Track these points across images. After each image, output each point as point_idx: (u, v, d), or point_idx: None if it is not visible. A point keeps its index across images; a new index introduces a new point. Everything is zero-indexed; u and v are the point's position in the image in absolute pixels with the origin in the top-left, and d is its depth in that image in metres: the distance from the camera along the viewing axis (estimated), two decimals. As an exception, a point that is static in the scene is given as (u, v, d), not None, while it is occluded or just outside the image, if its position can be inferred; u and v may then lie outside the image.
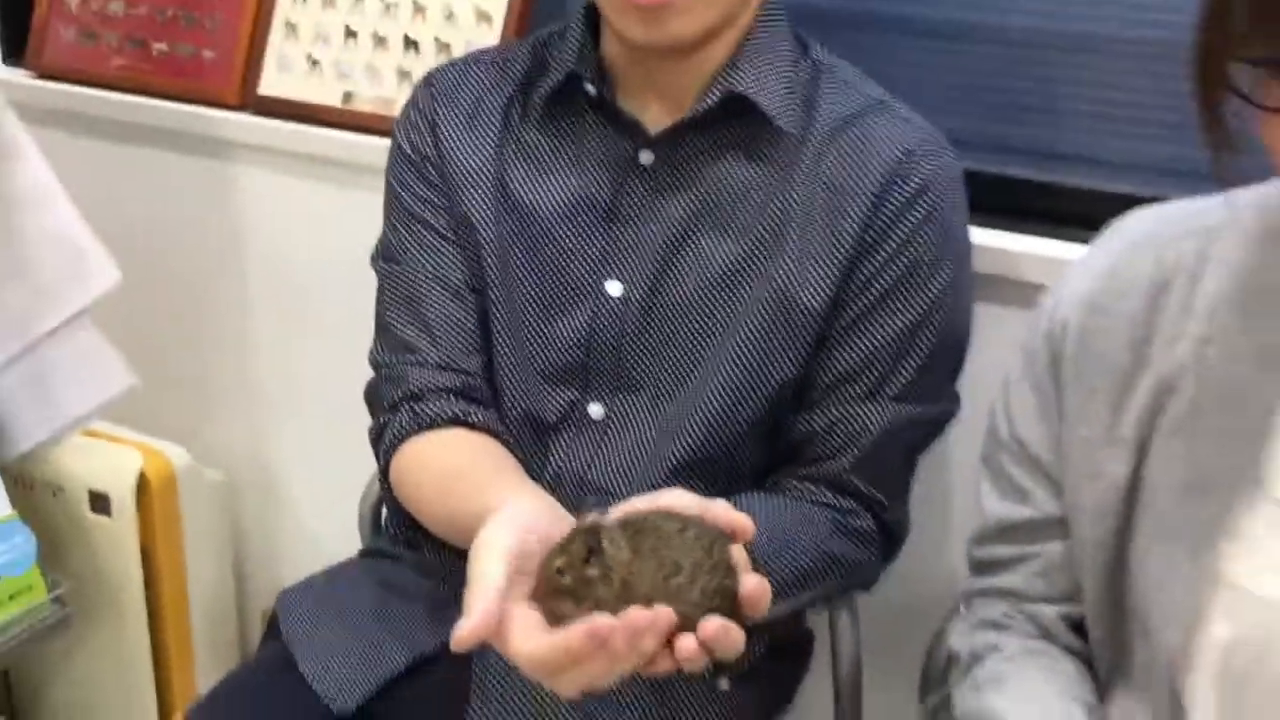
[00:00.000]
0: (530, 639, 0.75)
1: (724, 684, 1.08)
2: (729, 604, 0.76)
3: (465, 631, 0.74)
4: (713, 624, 0.73)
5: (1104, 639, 0.90)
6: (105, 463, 1.60)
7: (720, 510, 0.80)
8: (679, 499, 0.81)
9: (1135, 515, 0.84)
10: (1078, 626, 0.92)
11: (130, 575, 1.59)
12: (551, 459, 1.08)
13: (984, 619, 0.94)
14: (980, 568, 0.96)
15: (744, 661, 0.79)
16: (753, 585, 0.75)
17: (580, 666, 0.73)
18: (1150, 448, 0.83)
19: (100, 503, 1.59)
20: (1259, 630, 0.79)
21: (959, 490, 1.28)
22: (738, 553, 0.78)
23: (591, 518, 0.78)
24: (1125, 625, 0.88)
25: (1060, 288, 0.89)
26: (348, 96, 1.51)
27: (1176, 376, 0.82)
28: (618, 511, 0.80)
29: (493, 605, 0.74)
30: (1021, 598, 0.93)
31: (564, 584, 0.75)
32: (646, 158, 1.06)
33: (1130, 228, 0.88)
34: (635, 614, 0.72)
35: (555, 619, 0.75)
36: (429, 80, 1.14)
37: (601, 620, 0.72)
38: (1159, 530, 0.82)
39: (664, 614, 0.72)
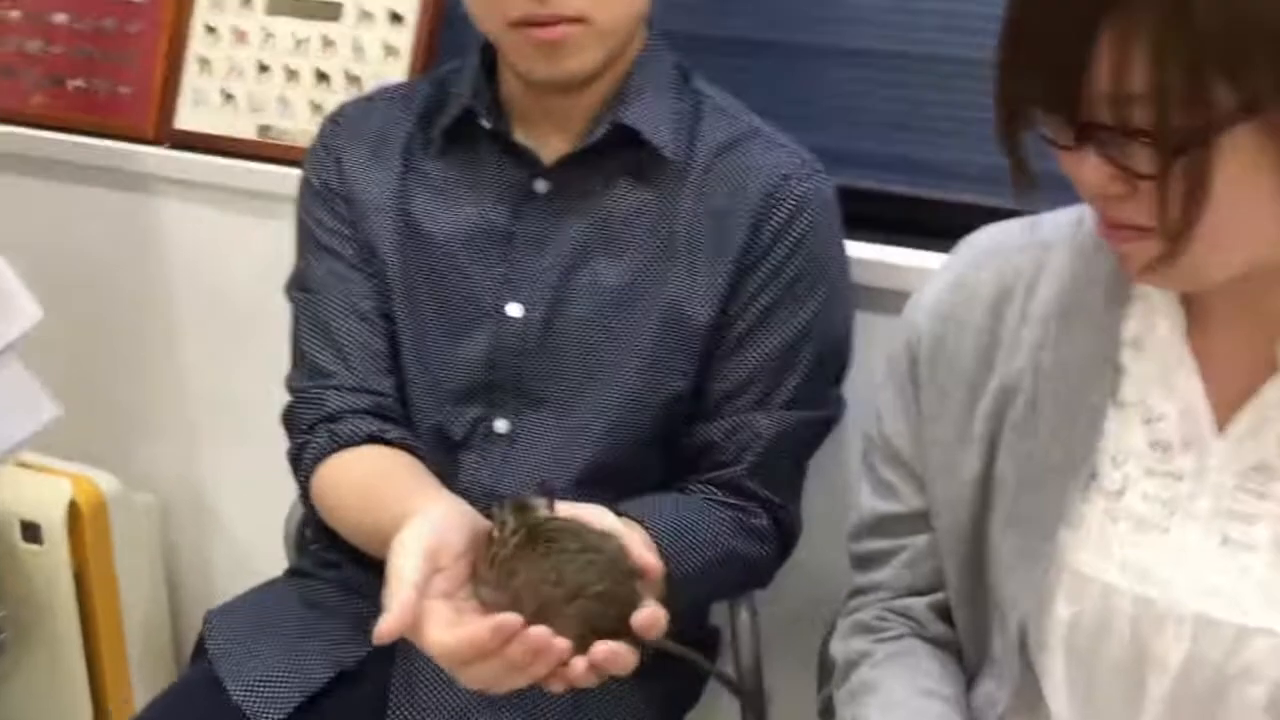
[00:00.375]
0: (443, 631, 0.80)
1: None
2: (620, 625, 0.82)
3: (386, 625, 0.79)
4: (602, 649, 0.80)
5: (967, 625, 0.97)
6: (36, 492, 1.62)
7: (636, 544, 0.86)
8: (601, 519, 0.87)
9: (988, 507, 0.91)
10: (947, 615, 0.98)
11: (64, 601, 1.61)
12: (461, 473, 1.13)
13: (858, 622, 1.00)
14: (859, 562, 1.02)
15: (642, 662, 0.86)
16: (645, 615, 0.82)
17: (485, 662, 0.80)
18: (999, 445, 0.90)
19: (32, 532, 1.61)
20: (1097, 610, 0.86)
21: (852, 489, 1.34)
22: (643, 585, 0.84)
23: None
24: (985, 610, 0.94)
25: (917, 299, 0.96)
26: (263, 129, 1.56)
27: (1018, 379, 0.89)
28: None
29: (410, 600, 0.80)
30: (894, 593, 0.99)
31: (500, 557, 0.82)
32: (542, 186, 1.12)
33: (976, 243, 0.96)
34: (537, 632, 0.79)
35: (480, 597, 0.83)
36: (334, 117, 1.20)
37: (507, 618, 0.79)
38: (1008, 520, 0.89)
39: (560, 646, 0.79)
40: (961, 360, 0.92)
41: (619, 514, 1.05)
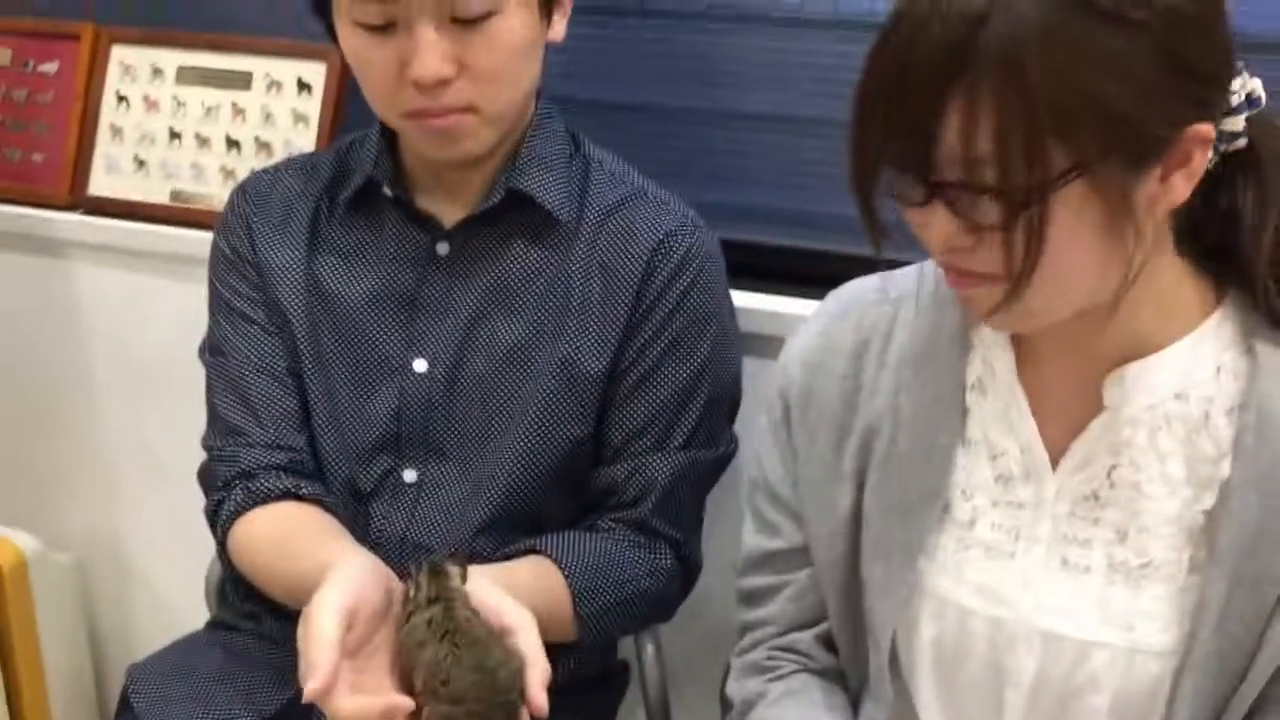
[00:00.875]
0: (343, 697, 0.85)
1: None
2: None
3: (314, 686, 0.83)
4: None
5: (848, 651, 1.03)
6: None
7: (533, 679, 0.89)
8: (484, 599, 0.91)
9: (859, 538, 0.98)
10: (832, 645, 1.04)
11: None
12: (373, 522, 1.18)
13: (751, 664, 1.05)
14: (747, 598, 1.07)
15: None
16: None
17: None
18: (865, 482, 0.97)
19: None
20: (956, 631, 0.94)
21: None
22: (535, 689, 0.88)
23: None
24: (862, 636, 1.01)
25: (789, 347, 1.03)
26: (175, 194, 1.59)
27: (879, 420, 0.96)
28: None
29: (335, 661, 0.84)
30: (781, 628, 1.05)
31: (418, 626, 0.87)
32: (443, 248, 1.18)
33: (839, 296, 1.03)
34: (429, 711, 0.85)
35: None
36: (243, 188, 1.25)
37: (397, 703, 0.84)
38: (875, 550, 0.97)
39: None
40: (829, 404, 0.99)
41: (535, 550, 1.12)
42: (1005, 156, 0.75)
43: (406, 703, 0.85)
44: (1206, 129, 0.78)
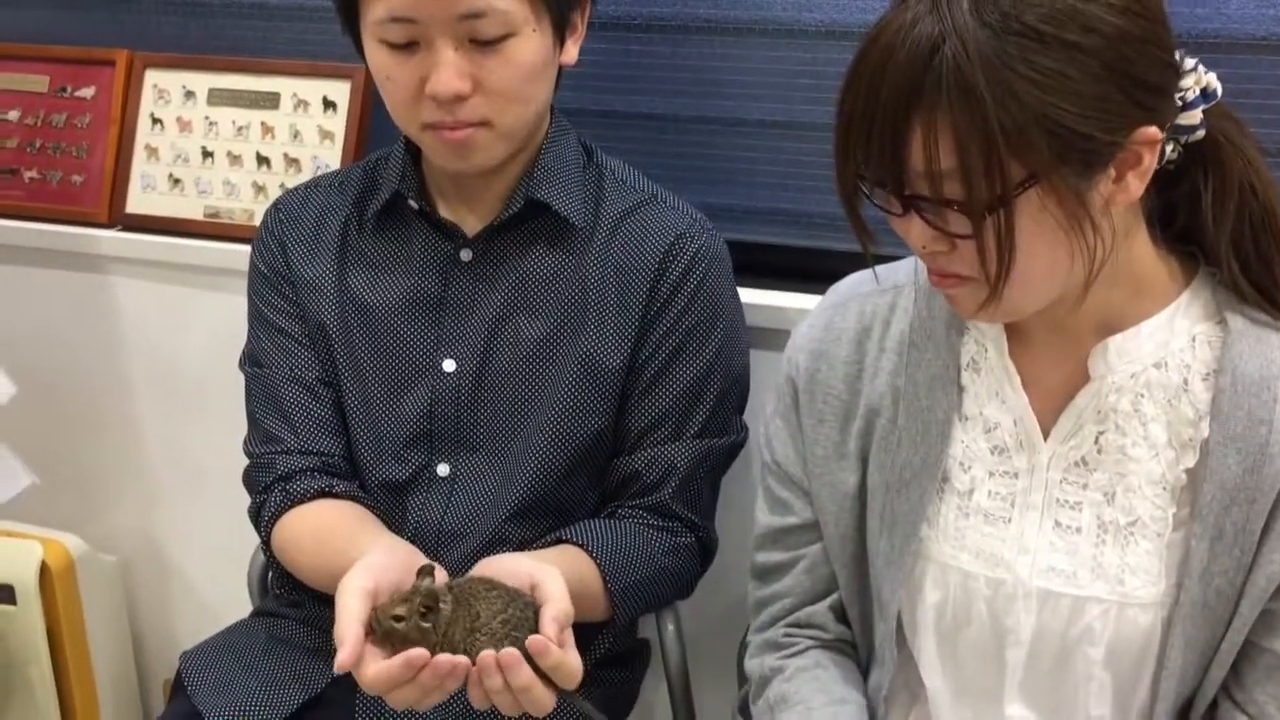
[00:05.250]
0: (371, 664, 0.93)
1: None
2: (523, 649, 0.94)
3: (342, 658, 0.91)
4: (504, 653, 0.92)
5: (857, 620, 1.10)
6: (8, 556, 1.68)
7: (547, 593, 0.96)
8: (515, 568, 0.98)
9: (865, 512, 1.05)
10: (844, 615, 1.10)
11: (38, 657, 1.68)
12: (410, 514, 1.25)
13: (768, 641, 1.12)
14: (761, 573, 1.14)
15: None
16: (537, 641, 0.93)
17: (402, 689, 0.93)
18: (869, 459, 1.04)
19: (6, 593, 1.67)
20: (958, 594, 1.00)
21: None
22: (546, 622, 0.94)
23: (427, 582, 0.97)
24: (869, 605, 1.08)
25: (794, 338, 1.10)
26: (210, 210, 1.66)
27: (880, 401, 1.03)
28: (443, 576, 0.99)
29: (360, 636, 0.92)
30: (797, 600, 1.11)
31: (398, 629, 0.94)
32: (467, 255, 1.24)
33: (839, 289, 1.10)
34: (440, 658, 0.92)
35: (389, 649, 0.94)
36: (276, 206, 1.31)
37: (416, 653, 0.92)
38: (880, 523, 1.03)
39: (462, 662, 0.92)
40: (834, 388, 1.06)
41: (560, 540, 1.18)
42: (966, 171, 0.81)
43: (421, 653, 0.92)
44: (1153, 131, 0.84)
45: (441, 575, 1.01)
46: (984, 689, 1.02)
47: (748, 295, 1.34)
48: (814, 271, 1.32)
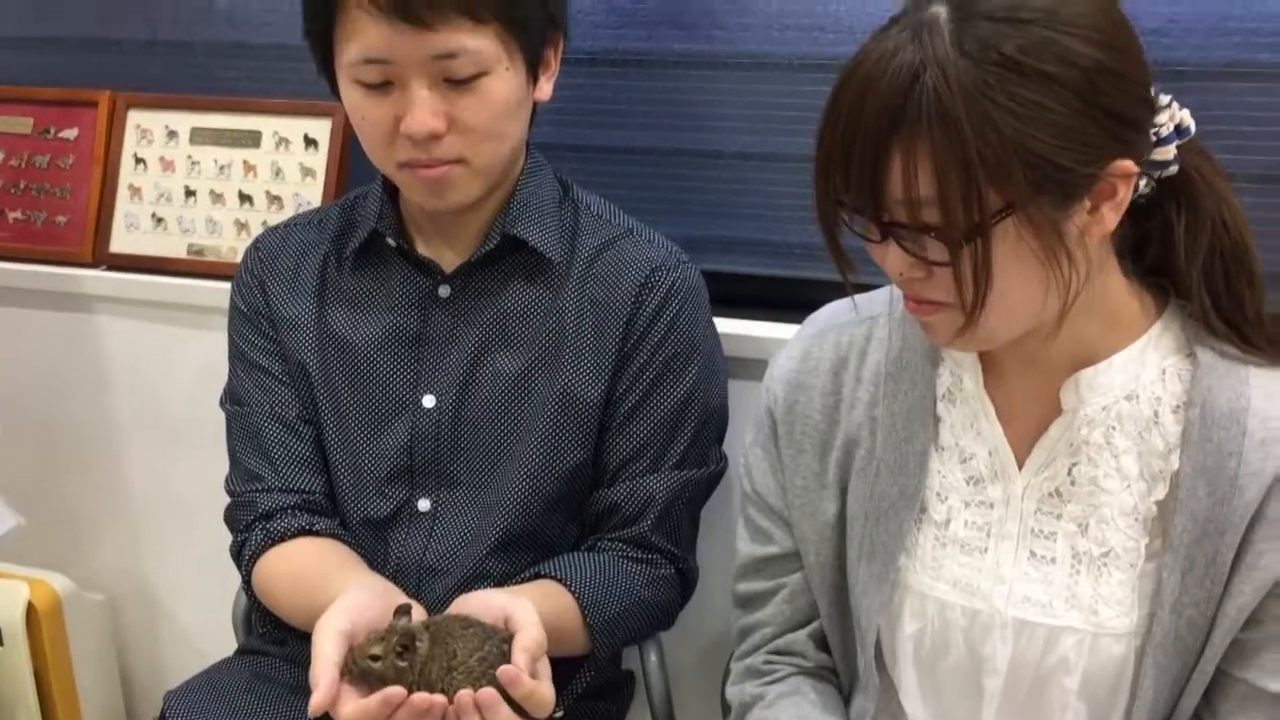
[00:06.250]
0: (348, 702, 0.94)
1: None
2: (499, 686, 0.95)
3: (317, 700, 0.92)
4: (481, 693, 0.93)
5: (838, 648, 1.10)
6: None
7: (518, 624, 0.97)
8: (489, 602, 0.99)
9: (845, 541, 1.05)
10: (825, 643, 1.11)
11: (25, 697, 1.68)
12: (392, 550, 1.25)
13: (749, 668, 1.12)
14: (743, 602, 1.14)
15: (560, 705, 0.98)
16: (508, 671, 0.94)
17: None
18: (848, 489, 1.04)
19: None
20: (937, 623, 1.01)
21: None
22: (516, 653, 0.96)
23: (404, 621, 0.98)
24: (850, 633, 1.08)
25: (772, 368, 1.10)
26: (193, 248, 1.67)
27: (858, 431, 1.04)
28: (420, 614, 1.00)
29: (334, 678, 0.93)
30: (777, 629, 1.11)
31: (375, 669, 0.95)
32: (445, 291, 1.25)
33: (816, 319, 1.11)
34: (418, 696, 0.93)
35: (367, 689, 0.95)
36: (256, 245, 1.32)
37: (393, 690, 0.93)
38: (859, 551, 1.04)
39: (439, 700, 0.93)
40: (811, 419, 1.06)
41: (539, 575, 1.18)
42: (944, 199, 0.82)
43: (398, 691, 0.93)
44: (1128, 165, 0.85)
45: (419, 613, 1.01)
46: (963, 717, 1.02)
47: (726, 325, 1.35)
48: (792, 301, 1.33)
